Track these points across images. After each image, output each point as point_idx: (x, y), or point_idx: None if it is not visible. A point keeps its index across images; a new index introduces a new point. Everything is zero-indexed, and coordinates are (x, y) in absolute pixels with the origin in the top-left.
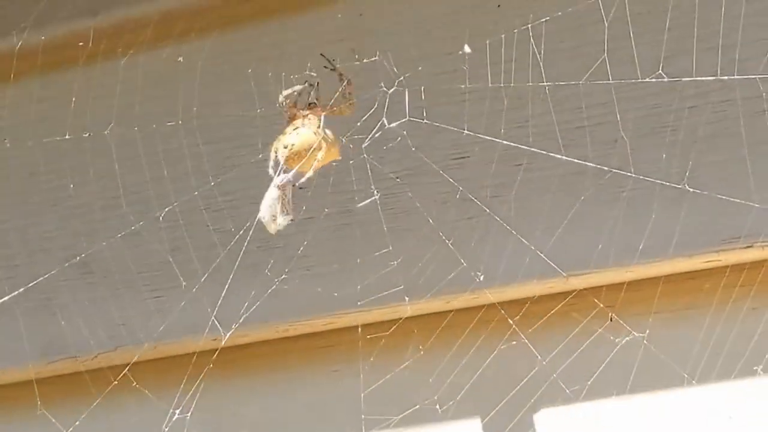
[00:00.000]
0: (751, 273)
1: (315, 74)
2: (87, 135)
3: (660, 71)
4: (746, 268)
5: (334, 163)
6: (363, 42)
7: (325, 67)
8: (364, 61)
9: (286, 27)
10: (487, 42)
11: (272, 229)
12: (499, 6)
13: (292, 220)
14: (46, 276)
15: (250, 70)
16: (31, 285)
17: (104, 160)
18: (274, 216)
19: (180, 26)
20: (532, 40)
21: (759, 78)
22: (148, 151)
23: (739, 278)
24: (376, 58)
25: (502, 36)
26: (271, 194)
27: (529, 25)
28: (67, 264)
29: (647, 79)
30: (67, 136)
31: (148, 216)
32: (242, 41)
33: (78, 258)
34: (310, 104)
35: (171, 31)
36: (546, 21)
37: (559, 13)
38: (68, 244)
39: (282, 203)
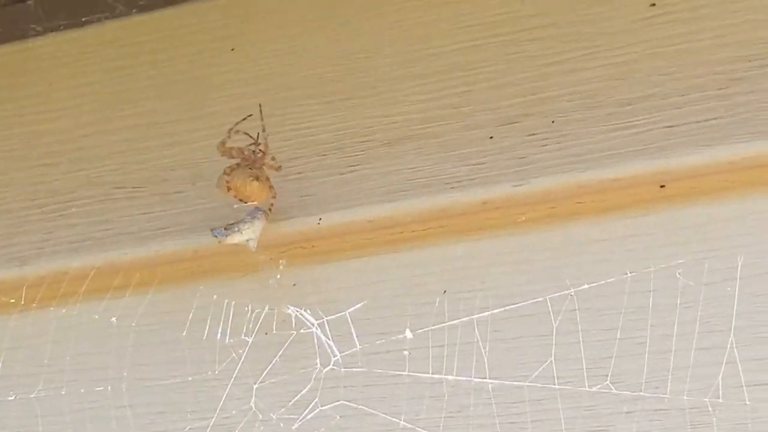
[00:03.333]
0: None
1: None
2: (12, 398)
3: (608, 382)
4: None
5: None
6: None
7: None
8: (301, 331)
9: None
10: (430, 329)
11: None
12: (444, 292)
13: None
14: None
15: (184, 333)
16: None
17: (29, 420)
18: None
19: (118, 280)
20: (477, 331)
21: (709, 401)
22: (73, 409)
23: None
24: (313, 329)
25: (446, 324)
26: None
27: (474, 317)
28: None
29: (593, 389)
30: None
31: None
32: (180, 300)
33: None
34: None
35: (109, 285)
36: (492, 313)
37: (505, 309)
38: None
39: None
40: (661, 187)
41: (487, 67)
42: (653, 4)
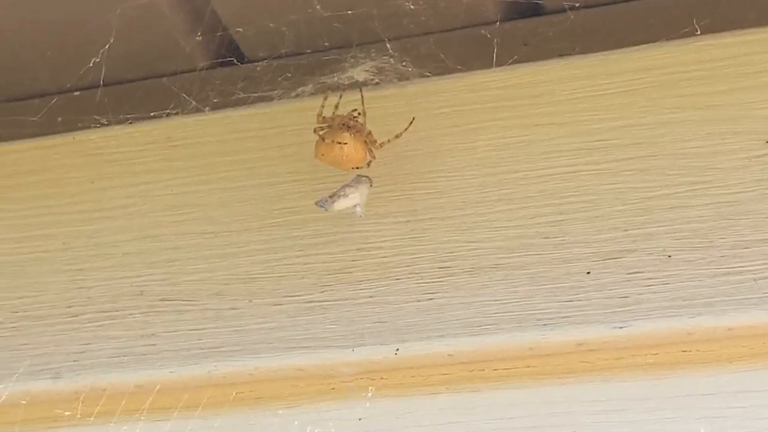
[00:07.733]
0: None
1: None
2: None
3: None
4: None
5: None
6: None
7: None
8: None
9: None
10: None
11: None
12: None
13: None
14: None
15: None
16: None
17: None
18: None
19: (162, 401)
20: None
21: None
22: None
23: None
24: None
25: None
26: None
27: None
28: None
29: None
30: None
31: None
32: (230, 429)
33: None
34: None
35: (151, 406)
36: None
37: None
38: None
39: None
40: None
41: (582, 196)
42: None
